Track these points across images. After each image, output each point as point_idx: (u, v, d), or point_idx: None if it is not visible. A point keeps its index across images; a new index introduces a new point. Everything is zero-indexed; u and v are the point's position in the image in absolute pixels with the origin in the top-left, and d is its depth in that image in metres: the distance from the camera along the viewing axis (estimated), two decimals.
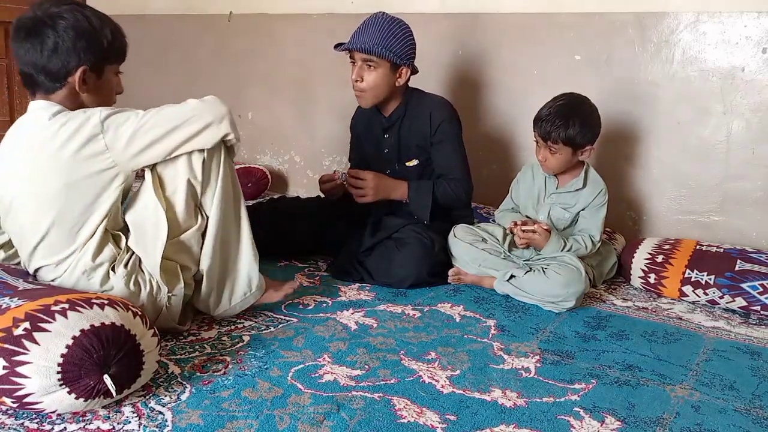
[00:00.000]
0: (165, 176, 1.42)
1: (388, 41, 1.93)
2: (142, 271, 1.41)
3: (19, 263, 1.48)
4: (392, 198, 2.04)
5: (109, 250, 1.37)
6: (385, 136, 2.12)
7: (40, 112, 1.34)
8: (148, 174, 1.41)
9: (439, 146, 2.05)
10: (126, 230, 1.43)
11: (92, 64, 1.36)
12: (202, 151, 1.42)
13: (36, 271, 1.40)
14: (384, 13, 1.99)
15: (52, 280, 1.38)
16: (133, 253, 1.41)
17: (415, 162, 2.09)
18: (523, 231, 1.90)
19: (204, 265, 1.49)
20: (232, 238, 1.52)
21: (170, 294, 1.43)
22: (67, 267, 1.36)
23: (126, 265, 1.38)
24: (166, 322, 1.46)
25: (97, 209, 1.35)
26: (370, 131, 2.17)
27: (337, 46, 2.01)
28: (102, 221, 1.36)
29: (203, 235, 1.48)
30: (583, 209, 1.95)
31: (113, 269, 1.38)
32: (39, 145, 1.31)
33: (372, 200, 2.00)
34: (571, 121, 1.83)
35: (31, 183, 1.33)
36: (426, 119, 2.04)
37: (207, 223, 1.47)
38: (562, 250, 1.87)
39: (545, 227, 1.89)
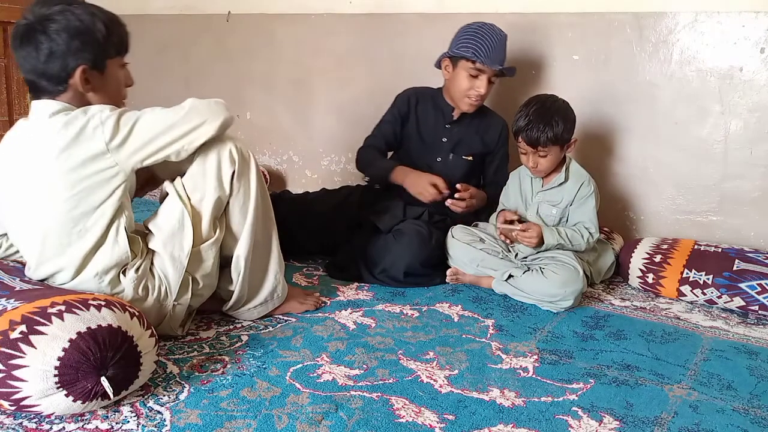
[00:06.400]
0: (194, 184, 1.42)
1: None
2: (153, 276, 1.40)
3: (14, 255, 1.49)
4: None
5: (120, 253, 1.36)
6: (446, 126, 2.19)
7: (40, 112, 1.33)
8: (170, 186, 1.42)
9: (497, 161, 2.21)
10: (143, 235, 1.43)
11: (92, 62, 1.34)
12: (233, 163, 1.43)
13: (48, 277, 1.38)
14: (493, 25, 2.06)
15: (63, 284, 1.36)
16: (145, 259, 1.40)
17: (470, 158, 2.18)
18: (510, 231, 1.92)
19: (239, 277, 1.51)
20: (264, 251, 1.55)
21: (176, 303, 1.43)
22: (75, 270, 1.35)
23: (137, 270, 1.38)
24: (167, 328, 1.46)
25: (101, 210, 1.33)
26: (430, 116, 2.21)
27: (495, 67, 2.03)
28: (109, 222, 1.34)
29: (221, 247, 1.49)
30: (570, 204, 1.95)
31: (123, 273, 1.37)
32: (40, 144, 1.30)
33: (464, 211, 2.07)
34: (553, 121, 1.85)
35: (32, 183, 1.32)
36: (496, 131, 2.19)
37: (238, 238, 1.49)
38: (560, 235, 1.88)
39: (532, 224, 1.92)
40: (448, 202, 2.03)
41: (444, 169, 2.10)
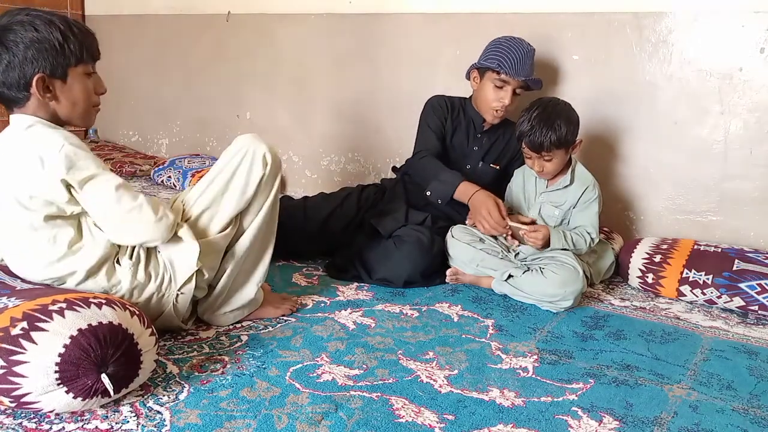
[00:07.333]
0: (220, 177, 1.46)
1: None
2: (158, 261, 1.41)
3: None
4: None
5: (103, 245, 1.35)
6: (477, 136, 2.22)
7: (15, 125, 1.33)
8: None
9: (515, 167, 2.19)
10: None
11: (50, 71, 1.31)
12: (264, 166, 1.47)
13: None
14: (521, 39, 2.07)
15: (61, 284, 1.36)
16: (136, 245, 1.40)
17: (497, 167, 2.22)
18: (518, 229, 1.91)
19: (226, 270, 1.51)
20: (257, 256, 1.56)
21: (180, 291, 1.43)
22: (65, 274, 1.34)
23: (131, 257, 1.38)
24: (171, 319, 1.46)
25: (60, 219, 1.31)
26: (462, 124, 2.23)
27: (520, 78, 2.03)
28: (77, 225, 1.33)
29: (231, 244, 1.50)
30: (573, 207, 1.95)
31: (118, 262, 1.37)
32: (10, 158, 1.30)
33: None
34: (556, 125, 1.84)
35: (4, 199, 1.31)
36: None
37: (241, 235, 1.51)
38: (566, 240, 1.88)
39: (541, 225, 1.91)
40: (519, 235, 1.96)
41: (473, 177, 2.08)
